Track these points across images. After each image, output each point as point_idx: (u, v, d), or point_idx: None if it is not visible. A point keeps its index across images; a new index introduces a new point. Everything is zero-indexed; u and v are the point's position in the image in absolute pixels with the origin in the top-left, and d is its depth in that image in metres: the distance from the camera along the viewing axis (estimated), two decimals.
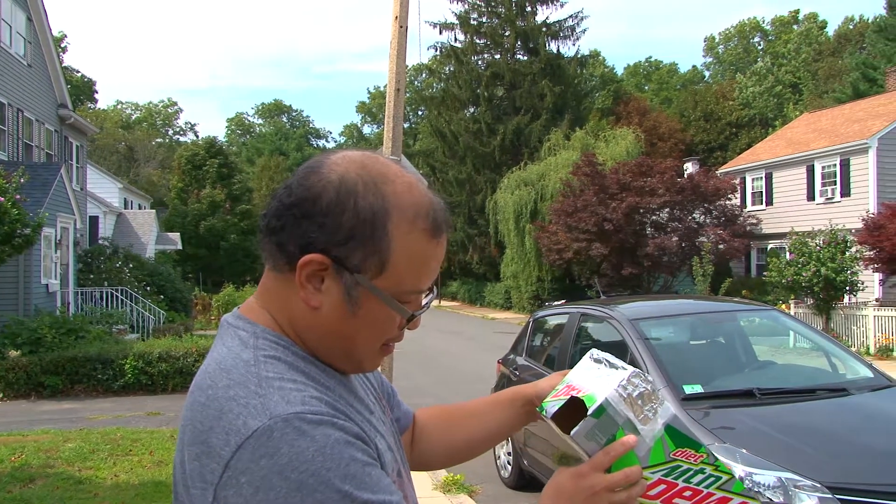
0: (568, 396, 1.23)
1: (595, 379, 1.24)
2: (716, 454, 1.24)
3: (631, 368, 1.23)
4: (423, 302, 1.18)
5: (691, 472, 1.21)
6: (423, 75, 58.68)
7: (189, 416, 1.07)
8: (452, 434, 1.52)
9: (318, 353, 1.14)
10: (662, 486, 1.20)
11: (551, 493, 1.19)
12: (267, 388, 1.02)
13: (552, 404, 1.25)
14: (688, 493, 1.21)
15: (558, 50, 42.09)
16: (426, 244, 1.12)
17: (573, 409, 1.21)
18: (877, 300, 21.34)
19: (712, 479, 1.22)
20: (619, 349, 5.54)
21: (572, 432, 1.16)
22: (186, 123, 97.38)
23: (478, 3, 42.28)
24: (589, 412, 1.16)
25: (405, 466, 1.27)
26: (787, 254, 21.99)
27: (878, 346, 17.44)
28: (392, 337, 1.16)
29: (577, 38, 43.93)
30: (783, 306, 19.26)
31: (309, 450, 0.96)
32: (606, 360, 1.28)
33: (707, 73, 75.55)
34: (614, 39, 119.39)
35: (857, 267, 19.03)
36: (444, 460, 1.56)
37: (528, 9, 41.49)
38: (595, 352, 1.33)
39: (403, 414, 1.50)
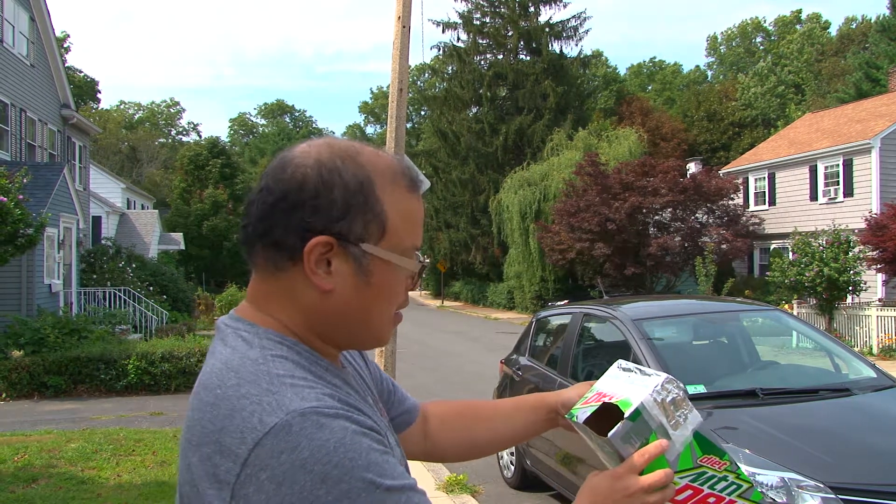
0: (600, 403, 1.27)
1: (628, 385, 1.27)
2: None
3: (664, 375, 1.25)
4: (420, 259, 1.20)
5: (715, 479, 1.25)
6: (426, 75, 58.71)
7: (196, 417, 1.06)
8: (475, 431, 1.56)
9: (335, 339, 1.16)
10: (689, 492, 1.24)
11: (587, 493, 1.22)
12: (279, 386, 1.02)
13: (582, 411, 1.29)
14: (712, 500, 1.24)
15: (561, 50, 42.12)
16: (410, 200, 1.16)
17: (603, 416, 1.24)
18: (880, 300, 21.31)
19: (734, 486, 1.25)
20: (621, 349, 5.54)
21: (610, 434, 1.19)
22: (189, 123, 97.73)
23: (481, 2, 42.27)
24: (626, 415, 1.19)
25: (405, 464, 1.29)
26: (790, 254, 21.98)
27: (881, 346, 17.42)
28: (400, 302, 1.19)
29: (580, 39, 43.91)
30: (786, 306, 19.23)
31: (329, 442, 0.96)
32: (638, 369, 1.31)
33: (709, 74, 75.55)
34: (617, 40, 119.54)
35: (860, 267, 19.01)
36: (461, 455, 1.60)
37: (531, 9, 41.47)
38: (622, 362, 1.37)
39: (412, 407, 1.53)
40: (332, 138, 1.18)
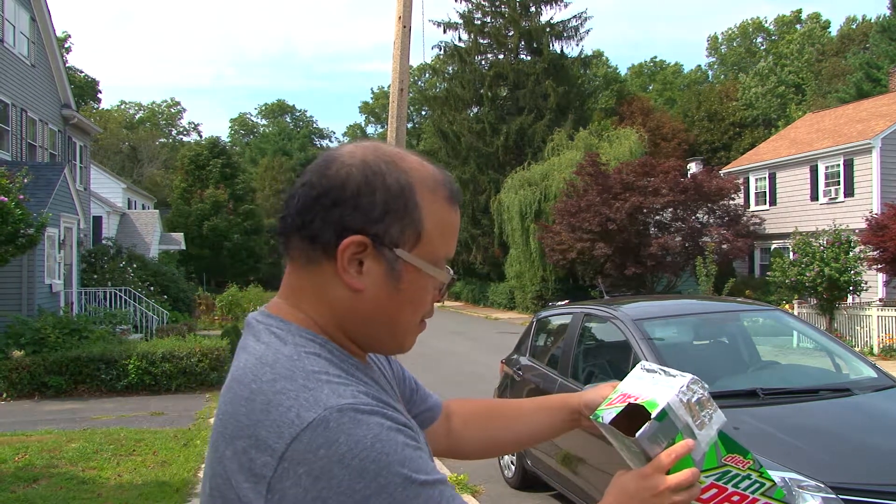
0: (625, 404, 1.29)
1: (652, 386, 1.29)
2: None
3: (689, 376, 1.27)
4: (450, 272, 1.22)
5: (740, 478, 1.27)
6: (427, 75, 58.70)
7: (230, 411, 1.07)
8: (497, 431, 1.60)
9: (359, 339, 1.18)
10: (714, 490, 1.26)
11: (615, 492, 1.24)
12: (315, 382, 1.04)
13: (608, 412, 1.32)
14: (736, 498, 1.26)
15: (562, 50, 42.13)
16: (448, 212, 1.19)
17: (628, 417, 1.27)
18: (880, 300, 21.30)
19: (758, 485, 1.28)
20: (622, 349, 5.54)
21: (638, 434, 1.21)
22: (190, 123, 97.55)
23: (482, 2, 42.28)
24: (653, 415, 1.21)
25: (433, 460, 1.31)
26: (791, 254, 21.97)
27: (881, 346, 17.41)
28: (426, 311, 1.21)
29: (581, 39, 43.85)
30: (786, 306, 19.23)
31: (367, 437, 0.98)
32: (661, 370, 1.33)
33: (710, 74, 75.52)
34: (617, 40, 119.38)
35: (861, 267, 19.00)
36: (483, 453, 1.64)
37: (532, 9, 41.49)
38: (645, 363, 1.39)
39: (434, 404, 1.57)
40: (378, 142, 1.21)
